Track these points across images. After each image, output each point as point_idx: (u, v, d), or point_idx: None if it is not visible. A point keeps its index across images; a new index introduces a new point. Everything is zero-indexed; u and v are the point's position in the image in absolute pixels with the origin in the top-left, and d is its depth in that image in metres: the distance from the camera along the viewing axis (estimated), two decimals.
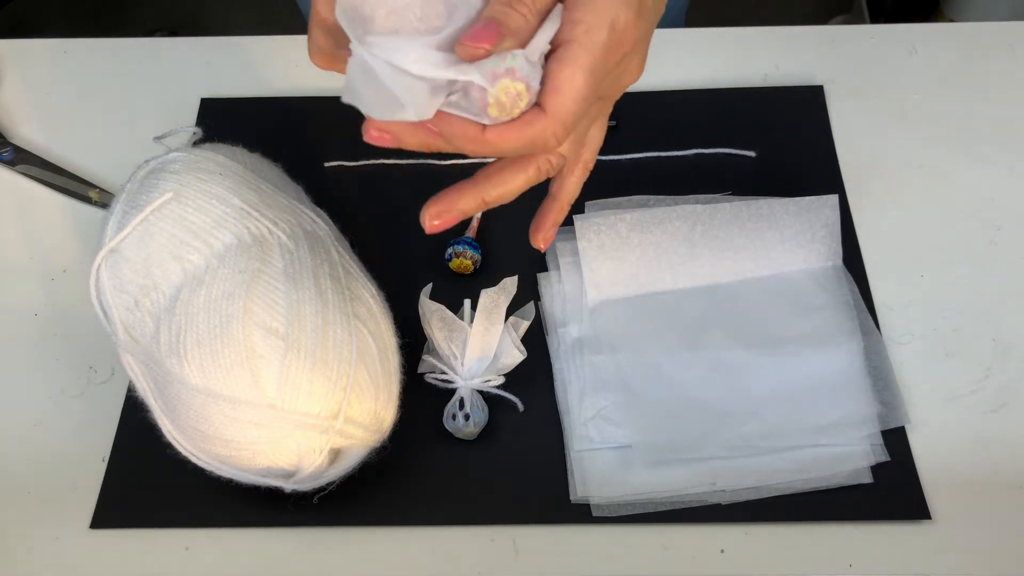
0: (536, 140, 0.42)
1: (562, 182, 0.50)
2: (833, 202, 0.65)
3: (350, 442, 0.54)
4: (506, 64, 0.41)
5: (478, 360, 0.60)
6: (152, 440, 0.55)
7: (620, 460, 0.59)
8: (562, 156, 0.46)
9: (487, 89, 0.41)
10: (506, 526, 0.57)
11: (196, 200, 0.55)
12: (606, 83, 0.45)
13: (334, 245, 0.58)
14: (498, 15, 0.41)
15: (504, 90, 0.41)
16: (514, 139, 0.42)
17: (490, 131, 0.42)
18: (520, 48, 0.41)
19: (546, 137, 0.42)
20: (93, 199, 0.71)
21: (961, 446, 0.59)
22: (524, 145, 0.43)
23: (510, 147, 0.43)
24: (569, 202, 0.51)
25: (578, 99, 0.42)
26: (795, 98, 0.75)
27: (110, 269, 0.55)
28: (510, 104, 0.41)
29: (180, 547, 0.57)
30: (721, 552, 0.56)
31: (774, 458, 0.58)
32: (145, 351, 0.54)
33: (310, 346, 0.52)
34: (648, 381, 0.61)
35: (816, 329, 0.63)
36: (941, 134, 0.73)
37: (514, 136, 0.42)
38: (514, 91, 0.41)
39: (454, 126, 0.42)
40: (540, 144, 0.43)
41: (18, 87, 0.78)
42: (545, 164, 0.46)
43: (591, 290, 0.64)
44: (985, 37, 0.79)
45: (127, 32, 1.83)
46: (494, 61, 0.41)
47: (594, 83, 0.43)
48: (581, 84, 0.42)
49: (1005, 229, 0.68)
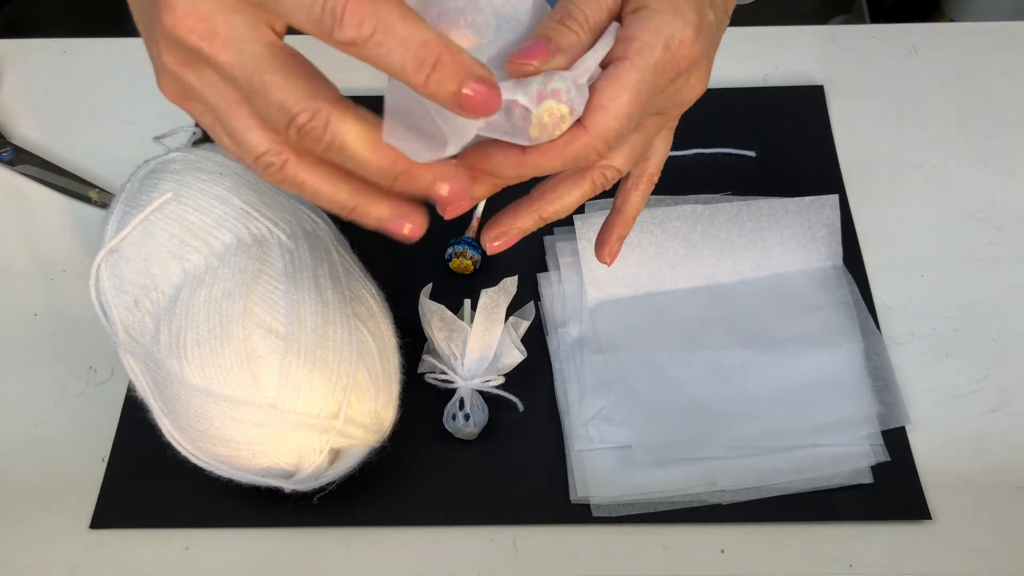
0: (579, 158, 0.42)
1: (626, 195, 0.50)
2: (833, 202, 0.65)
3: (350, 442, 0.54)
4: (552, 85, 0.40)
5: (478, 360, 0.60)
6: (152, 440, 0.55)
7: (620, 460, 0.59)
8: (616, 170, 0.46)
9: (531, 110, 0.40)
10: (506, 526, 0.57)
11: (196, 200, 0.55)
12: (661, 100, 0.44)
13: (334, 245, 0.58)
14: (550, 32, 0.41)
15: (548, 111, 0.40)
16: (556, 159, 0.42)
17: (531, 153, 0.42)
18: (568, 66, 0.41)
19: (588, 154, 0.42)
20: (93, 199, 0.71)
21: (961, 446, 0.59)
22: (566, 164, 0.43)
23: (553, 167, 0.43)
24: (634, 216, 0.51)
25: (621, 117, 0.42)
26: (795, 98, 0.75)
27: (110, 269, 0.55)
28: (552, 126, 0.41)
29: (180, 547, 0.57)
30: (721, 552, 0.56)
31: (774, 458, 0.58)
32: (145, 351, 0.54)
33: (310, 346, 0.52)
34: (648, 381, 0.61)
35: (816, 329, 0.63)
36: (941, 134, 0.73)
37: (555, 156, 0.42)
38: (558, 113, 0.41)
39: (495, 160, 0.42)
40: (583, 161, 0.43)
41: (18, 87, 0.78)
42: (600, 178, 0.46)
43: (591, 290, 0.64)
44: (985, 37, 0.79)
45: (127, 32, 1.82)
46: (540, 81, 0.40)
47: (640, 103, 0.42)
48: (625, 103, 0.42)
49: (1005, 229, 0.68)
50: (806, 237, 0.65)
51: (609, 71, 0.42)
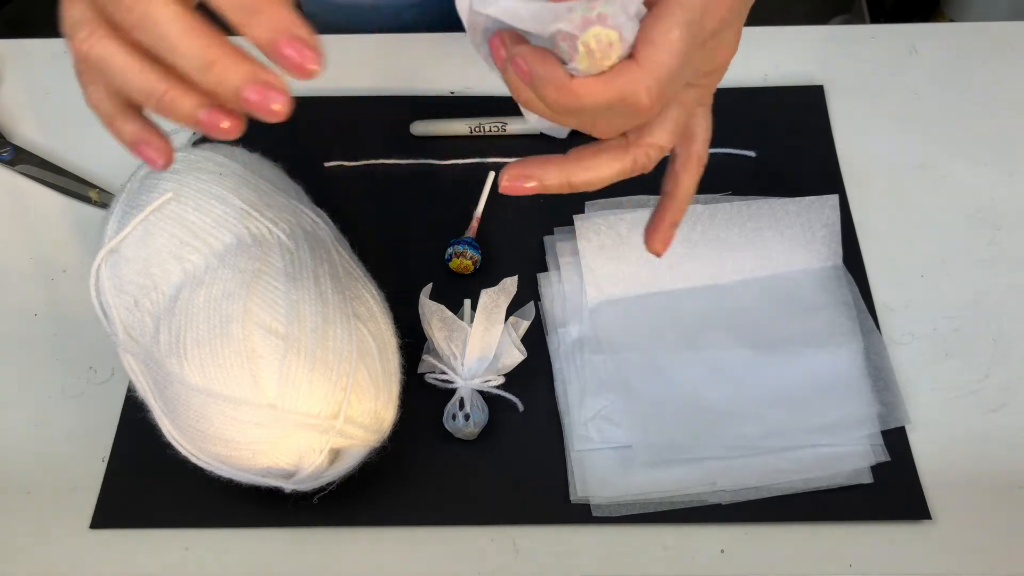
0: (626, 93, 0.39)
1: (676, 179, 0.48)
2: (833, 202, 0.65)
3: (350, 442, 0.54)
4: (598, 10, 0.38)
5: (478, 360, 0.60)
6: (152, 440, 0.55)
7: (620, 460, 0.59)
8: (660, 148, 0.43)
9: (576, 36, 0.38)
10: (506, 526, 0.57)
11: (196, 200, 0.55)
12: (702, 55, 0.42)
13: (334, 245, 0.58)
14: None
15: (595, 37, 0.38)
16: (601, 91, 0.39)
17: (577, 80, 0.39)
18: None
19: (637, 91, 0.39)
20: (93, 199, 0.71)
21: (961, 446, 0.59)
22: (612, 99, 0.39)
23: (596, 100, 0.39)
24: (686, 200, 0.48)
25: (674, 53, 0.39)
26: (795, 98, 0.75)
27: (110, 269, 0.55)
28: (600, 54, 0.38)
29: (180, 547, 0.57)
30: (721, 552, 0.56)
31: (774, 458, 0.58)
32: (145, 351, 0.54)
33: (310, 346, 0.52)
34: (648, 381, 0.61)
35: (816, 329, 0.63)
36: (941, 134, 0.73)
37: (601, 88, 0.39)
38: (606, 40, 0.38)
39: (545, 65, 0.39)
40: (631, 100, 0.39)
41: (18, 87, 0.78)
42: (643, 157, 0.43)
43: (591, 290, 0.64)
44: (985, 37, 0.79)
45: None
46: (584, 6, 0.38)
47: (690, 40, 0.39)
48: (676, 37, 0.39)
49: (1005, 229, 0.68)
50: (806, 237, 0.65)
51: (655, 10, 0.39)
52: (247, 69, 0.36)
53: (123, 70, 0.38)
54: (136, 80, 0.38)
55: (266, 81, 0.37)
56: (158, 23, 0.36)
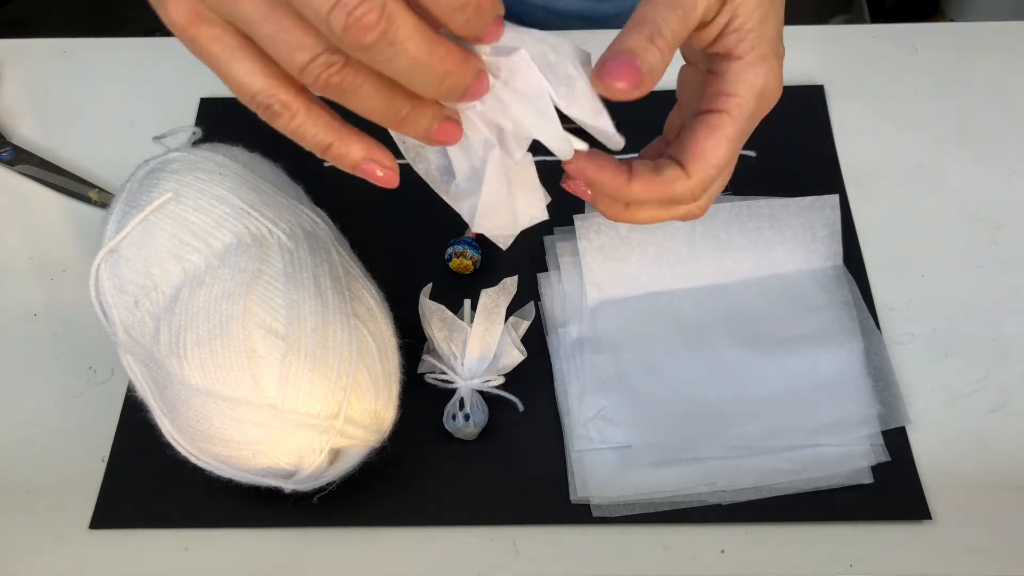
0: (673, 198, 0.46)
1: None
2: (834, 202, 0.65)
3: (350, 442, 0.54)
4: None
5: (478, 360, 0.60)
6: (152, 440, 0.55)
7: (620, 460, 0.59)
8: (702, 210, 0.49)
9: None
10: (506, 526, 0.57)
11: (196, 200, 0.55)
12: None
13: (334, 245, 0.58)
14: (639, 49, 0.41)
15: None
16: (655, 193, 0.45)
17: (636, 183, 0.45)
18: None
19: (683, 197, 0.46)
20: (93, 199, 0.71)
21: (961, 446, 0.59)
22: (661, 200, 0.46)
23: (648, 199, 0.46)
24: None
25: (719, 166, 0.45)
26: (795, 98, 0.75)
27: (110, 269, 0.55)
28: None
29: (180, 547, 0.57)
30: (721, 552, 0.56)
31: (774, 458, 0.58)
32: (145, 351, 0.54)
33: (310, 346, 0.52)
34: (648, 381, 0.61)
35: (816, 329, 0.63)
36: (941, 134, 0.73)
37: (656, 191, 0.45)
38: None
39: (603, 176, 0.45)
40: (675, 201, 0.46)
41: (18, 87, 0.78)
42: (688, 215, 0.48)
43: (591, 290, 0.64)
44: (985, 37, 0.79)
45: (127, 32, 1.82)
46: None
47: (736, 149, 0.46)
48: (723, 153, 0.45)
49: (1005, 229, 0.68)
50: (806, 237, 0.65)
51: (710, 120, 0.45)
52: (472, 71, 0.39)
53: (372, 95, 0.38)
54: (382, 106, 0.39)
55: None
56: (400, 37, 0.35)
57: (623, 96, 0.41)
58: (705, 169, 0.45)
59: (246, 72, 0.38)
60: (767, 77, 0.45)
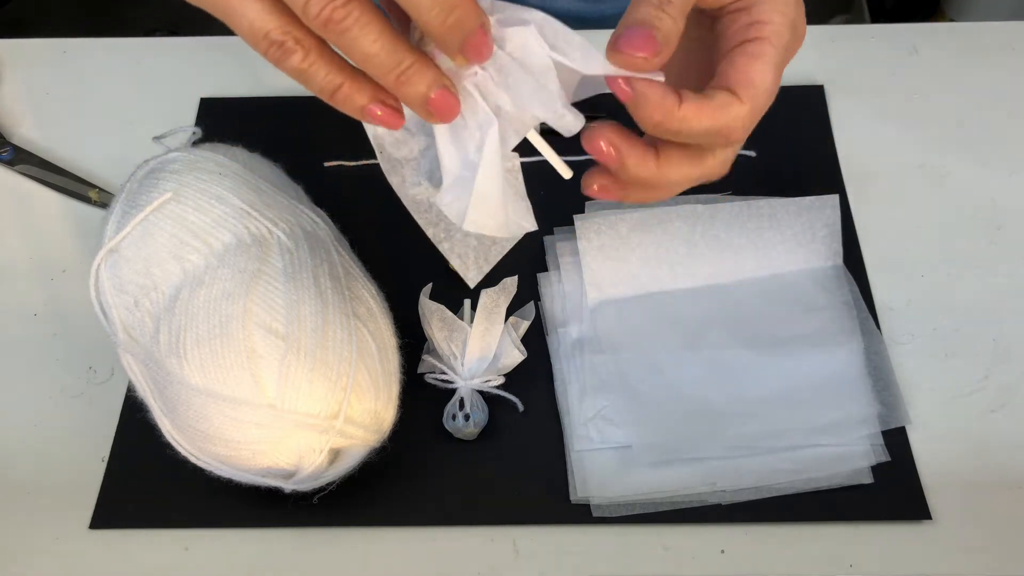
0: (727, 126, 0.42)
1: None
2: (834, 202, 0.65)
3: (350, 442, 0.54)
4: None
5: (478, 360, 0.60)
6: (152, 440, 0.55)
7: (620, 460, 0.59)
8: (725, 168, 0.46)
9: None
10: (506, 526, 0.57)
11: (196, 200, 0.55)
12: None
13: (334, 245, 0.58)
14: (652, 19, 0.40)
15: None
16: (707, 120, 0.41)
17: (686, 106, 0.41)
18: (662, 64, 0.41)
19: (736, 126, 0.42)
20: (93, 199, 0.71)
21: (961, 446, 0.59)
22: (711, 129, 0.42)
23: (698, 128, 0.41)
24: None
25: (769, 91, 0.43)
26: (795, 98, 0.75)
27: (110, 269, 0.55)
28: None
29: (180, 547, 0.57)
30: (721, 552, 0.56)
31: (774, 458, 0.58)
32: (145, 351, 0.54)
33: (310, 346, 0.52)
34: (648, 381, 0.61)
35: (816, 329, 0.63)
36: (941, 134, 0.73)
37: (707, 117, 0.41)
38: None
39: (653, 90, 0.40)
40: (726, 132, 0.42)
41: (18, 87, 0.78)
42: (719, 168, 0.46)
43: (591, 290, 0.64)
44: (985, 37, 0.79)
45: (126, 32, 1.83)
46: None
47: (778, 79, 0.43)
48: (771, 80, 0.43)
49: (1005, 229, 0.68)
50: (806, 237, 0.65)
51: (752, 48, 0.43)
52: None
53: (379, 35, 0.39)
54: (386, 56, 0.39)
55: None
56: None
57: (644, 66, 0.40)
58: (757, 95, 0.42)
59: (259, 10, 0.39)
60: (797, 9, 0.44)
